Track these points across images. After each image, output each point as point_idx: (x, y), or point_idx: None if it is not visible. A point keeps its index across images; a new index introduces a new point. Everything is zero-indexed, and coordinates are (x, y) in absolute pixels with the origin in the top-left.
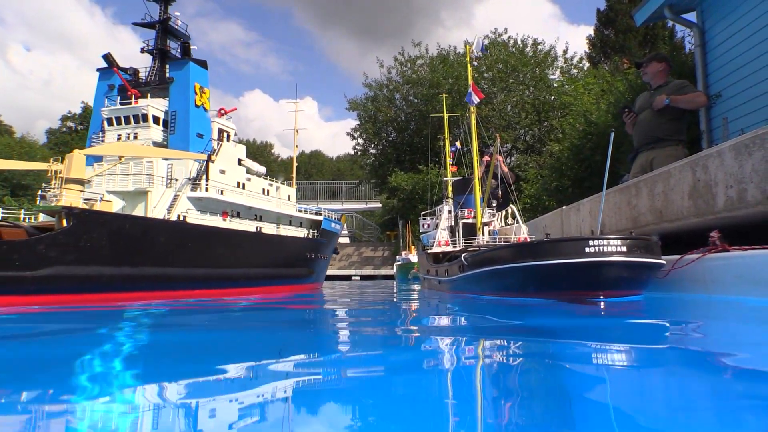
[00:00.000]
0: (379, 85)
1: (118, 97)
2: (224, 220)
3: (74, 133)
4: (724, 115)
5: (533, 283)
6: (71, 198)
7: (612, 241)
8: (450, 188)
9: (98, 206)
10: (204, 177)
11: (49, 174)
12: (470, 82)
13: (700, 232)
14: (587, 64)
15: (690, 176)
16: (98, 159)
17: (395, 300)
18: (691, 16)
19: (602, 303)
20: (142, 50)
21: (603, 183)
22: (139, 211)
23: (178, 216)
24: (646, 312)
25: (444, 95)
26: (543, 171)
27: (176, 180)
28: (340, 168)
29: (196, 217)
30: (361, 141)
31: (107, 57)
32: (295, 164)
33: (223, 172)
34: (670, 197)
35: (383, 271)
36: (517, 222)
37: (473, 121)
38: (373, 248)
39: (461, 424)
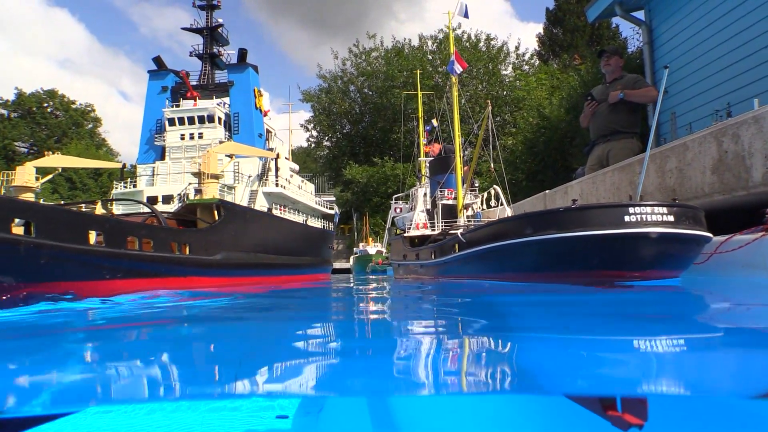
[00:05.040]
0: (334, 77)
1: (180, 98)
2: (281, 213)
3: (7, 121)
4: (672, 110)
5: (554, 261)
6: (213, 191)
7: (657, 209)
8: (423, 169)
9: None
10: (273, 173)
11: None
12: (452, 49)
13: (725, 210)
14: (537, 61)
15: (714, 148)
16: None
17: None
18: (640, 15)
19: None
20: (191, 54)
21: (648, 142)
22: None
23: (268, 209)
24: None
25: (418, 71)
26: (496, 165)
27: (248, 176)
28: (293, 161)
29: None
30: (314, 133)
31: (157, 59)
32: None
33: (279, 169)
34: (686, 173)
35: (337, 265)
36: (501, 204)
37: (455, 93)
38: None
39: None
